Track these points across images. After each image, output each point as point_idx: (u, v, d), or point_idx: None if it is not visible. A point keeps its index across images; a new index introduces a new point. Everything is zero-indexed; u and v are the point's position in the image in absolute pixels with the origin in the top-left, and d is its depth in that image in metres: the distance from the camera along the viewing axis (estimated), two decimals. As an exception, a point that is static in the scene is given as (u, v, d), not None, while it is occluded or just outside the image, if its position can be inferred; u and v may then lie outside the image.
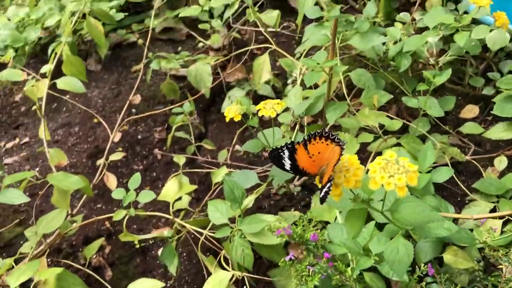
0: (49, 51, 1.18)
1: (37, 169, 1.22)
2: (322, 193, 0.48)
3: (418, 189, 0.77)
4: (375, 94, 0.87)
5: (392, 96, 0.91)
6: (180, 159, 0.99)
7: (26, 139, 1.32)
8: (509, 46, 1.06)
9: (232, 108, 0.78)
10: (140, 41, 1.32)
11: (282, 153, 0.52)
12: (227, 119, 0.78)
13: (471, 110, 1.09)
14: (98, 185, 1.12)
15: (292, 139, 0.88)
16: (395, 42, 1.04)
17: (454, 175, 0.96)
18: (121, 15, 1.39)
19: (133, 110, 1.27)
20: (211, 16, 1.35)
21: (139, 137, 1.22)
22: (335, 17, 0.80)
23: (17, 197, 0.82)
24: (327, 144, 0.51)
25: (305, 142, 0.53)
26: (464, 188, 0.93)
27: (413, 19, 1.16)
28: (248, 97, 1.14)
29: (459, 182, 0.95)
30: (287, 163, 0.53)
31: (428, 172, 0.82)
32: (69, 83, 1.04)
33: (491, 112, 0.91)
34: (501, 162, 0.96)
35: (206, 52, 1.31)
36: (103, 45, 1.20)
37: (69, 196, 0.95)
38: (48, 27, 1.35)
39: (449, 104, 1.01)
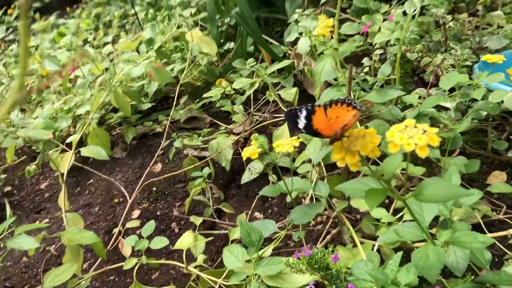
0: (77, 127, 1.23)
1: (53, 246, 1.19)
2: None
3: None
4: (394, 143, 0.86)
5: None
6: (197, 220, 0.95)
7: (46, 221, 1.31)
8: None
9: (248, 148, 0.78)
10: (165, 122, 1.37)
11: (299, 112, 0.54)
12: (244, 158, 0.77)
13: (498, 176, 1.05)
14: (112, 258, 1.08)
15: (312, 189, 0.86)
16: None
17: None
18: (148, 105, 1.47)
19: (154, 189, 1.28)
20: (233, 103, 1.41)
21: (158, 213, 1.21)
22: (351, 66, 0.83)
23: (27, 243, 0.79)
24: (348, 110, 0.51)
25: (326, 106, 0.53)
26: (503, 248, 0.86)
27: (429, 93, 1.18)
28: (269, 168, 1.14)
29: (496, 242, 0.88)
30: (302, 122, 0.53)
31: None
32: (93, 151, 1.07)
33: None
34: (537, 220, 0.90)
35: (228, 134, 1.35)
36: (128, 113, 1.24)
37: (82, 256, 0.92)
38: (79, 115, 1.42)
39: (473, 167, 0.97)
